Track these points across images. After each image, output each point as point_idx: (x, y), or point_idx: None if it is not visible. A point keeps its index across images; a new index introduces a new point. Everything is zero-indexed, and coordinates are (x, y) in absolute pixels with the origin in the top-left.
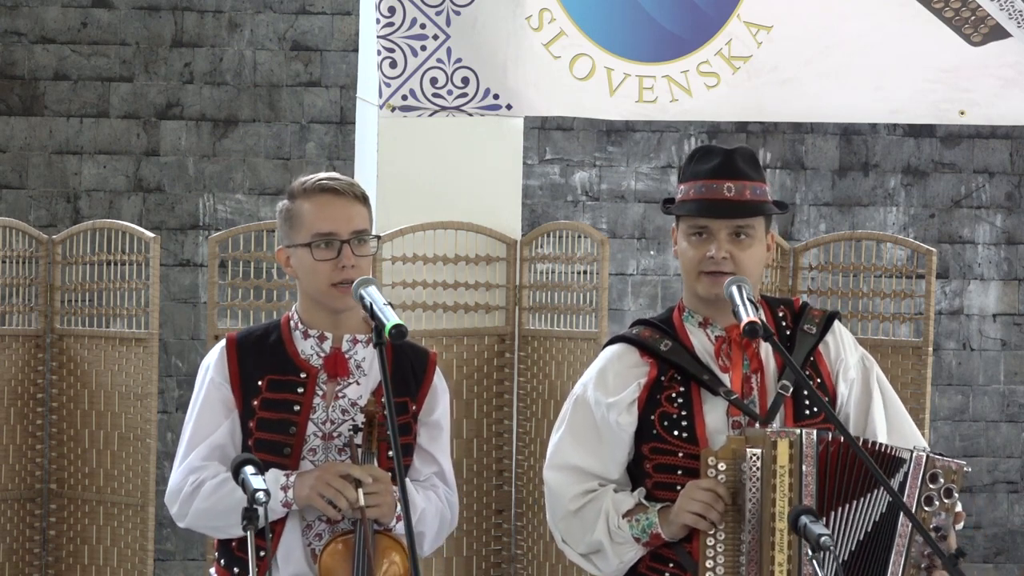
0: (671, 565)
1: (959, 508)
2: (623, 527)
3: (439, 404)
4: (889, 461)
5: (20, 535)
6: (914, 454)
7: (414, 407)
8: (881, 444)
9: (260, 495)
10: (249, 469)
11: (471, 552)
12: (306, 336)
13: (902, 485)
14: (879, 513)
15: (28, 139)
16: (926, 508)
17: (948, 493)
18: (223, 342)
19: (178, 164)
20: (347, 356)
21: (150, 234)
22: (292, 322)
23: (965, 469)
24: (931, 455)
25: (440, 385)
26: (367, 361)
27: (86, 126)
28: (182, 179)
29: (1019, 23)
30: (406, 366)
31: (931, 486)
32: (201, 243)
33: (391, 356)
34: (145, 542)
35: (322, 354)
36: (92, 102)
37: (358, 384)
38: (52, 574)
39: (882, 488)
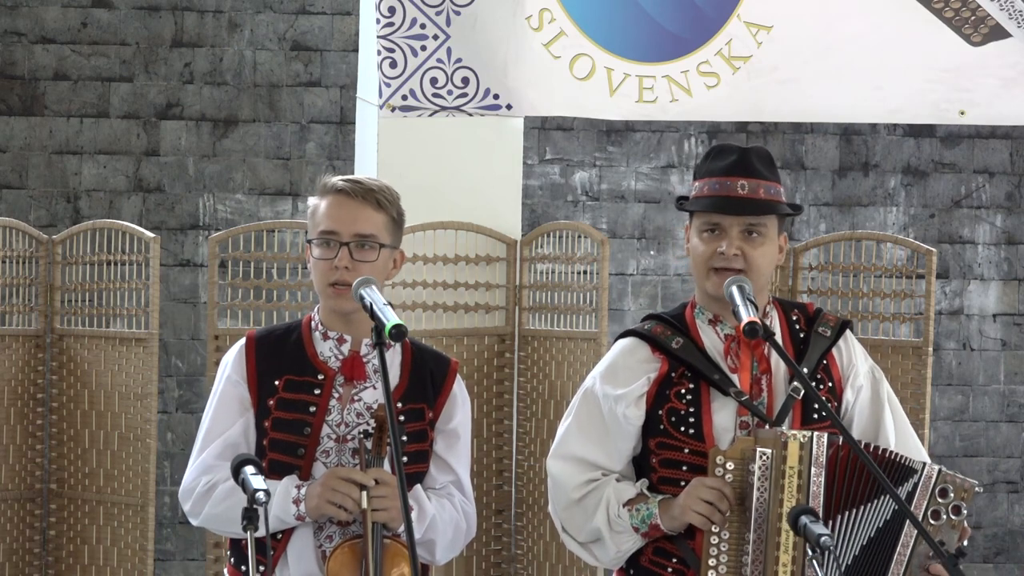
0: (674, 560)
1: (966, 525)
2: (623, 516)
3: (457, 413)
4: (900, 470)
5: (20, 535)
6: (926, 466)
7: (431, 414)
8: (893, 452)
9: (260, 495)
10: (249, 469)
11: (471, 552)
12: (325, 338)
13: (910, 495)
14: (883, 520)
15: (28, 139)
16: (932, 522)
17: (957, 510)
18: (243, 340)
19: (178, 164)
20: (365, 360)
21: (150, 234)
22: (313, 323)
23: (977, 489)
24: (944, 469)
25: (460, 394)
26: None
27: (86, 126)
28: (182, 179)
29: (1019, 23)
30: (425, 373)
31: (940, 500)
32: (201, 243)
33: (410, 361)
34: (145, 542)
35: (340, 356)
36: (92, 102)
37: (375, 388)
38: (52, 574)
39: (889, 495)
